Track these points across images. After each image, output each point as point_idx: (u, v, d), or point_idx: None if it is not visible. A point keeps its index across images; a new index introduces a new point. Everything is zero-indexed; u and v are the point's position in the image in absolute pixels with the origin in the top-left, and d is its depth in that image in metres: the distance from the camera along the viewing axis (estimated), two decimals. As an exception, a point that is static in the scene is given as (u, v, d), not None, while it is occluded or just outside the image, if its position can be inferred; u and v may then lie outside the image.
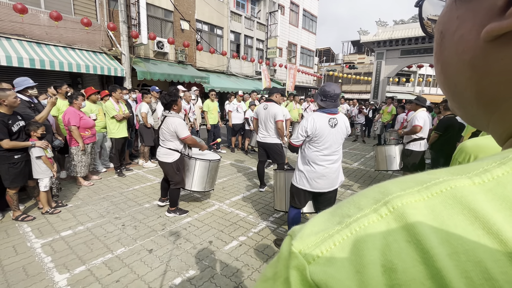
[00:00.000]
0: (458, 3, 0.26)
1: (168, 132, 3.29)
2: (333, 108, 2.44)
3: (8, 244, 2.80)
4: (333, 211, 0.24)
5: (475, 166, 0.22)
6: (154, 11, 10.81)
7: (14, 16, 6.99)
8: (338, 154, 2.55)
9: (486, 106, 0.26)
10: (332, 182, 2.56)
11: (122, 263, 2.53)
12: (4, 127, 2.98)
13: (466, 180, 0.21)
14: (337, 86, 2.45)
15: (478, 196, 0.19)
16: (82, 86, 8.78)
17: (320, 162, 2.48)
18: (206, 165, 3.70)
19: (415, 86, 26.39)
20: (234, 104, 7.20)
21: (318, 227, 0.23)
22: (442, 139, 4.46)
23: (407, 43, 14.95)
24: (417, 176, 0.23)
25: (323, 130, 2.41)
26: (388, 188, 0.22)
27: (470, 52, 0.25)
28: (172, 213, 3.52)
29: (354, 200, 0.23)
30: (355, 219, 0.21)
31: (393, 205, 0.21)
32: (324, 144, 2.44)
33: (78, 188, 4.44)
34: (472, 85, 0.26)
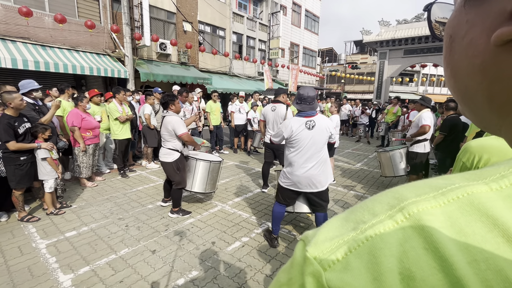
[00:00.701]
0: (467, 7, 0.26)
1: (166, 132, 3.35)
2: (310, 111, 2.54)
3: (14, 245, 2.84)
4: (346, 217, 0.24)
5: (492, 172, 0.21)
6: (156, 13, 10.88)
7: (20, 19, 7.09)
8: (320, 155, 2.58)
9: (499, 111, 0.25)
10: (317, 183, 2.60)
11: (125, 264, 2.55)
12: (10, 129, 3.02)
13: (483, 186, 0.20)
14: (311, 89, 2.55)
15: (496, 203, 0.19)
16: (86, 88, 8.86)
17: (301, 165, 2.55)
18: (207, 166, 3.71)
19: (418, 85, 26.21)
20: (237, 105, 7.21)
21: (333, 232, 0.23)
22: (448, 139, 4.43)
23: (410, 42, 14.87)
24: (431, 182, 0.23)
25: (300, 133, 2.50)
26: (402, 194, 0.22)
27: (480, 57, 0.25)
28: (175, 214, 3.54)
29: (367, 206, 0.23)
30: (370, 225, 0.21)
31: (409, 211, 0.20)
32: (302, 146, 2.53)
33: (82, 189, 4.48)
34: (484, 90, 0.26)
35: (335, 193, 4.58)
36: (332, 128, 2.62)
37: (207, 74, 12.33)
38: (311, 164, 2.54)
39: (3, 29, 7.14)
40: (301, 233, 3.21)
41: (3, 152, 3.12)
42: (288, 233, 3.23)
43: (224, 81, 13.27)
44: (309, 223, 3.49)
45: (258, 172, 5.75)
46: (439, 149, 4.67)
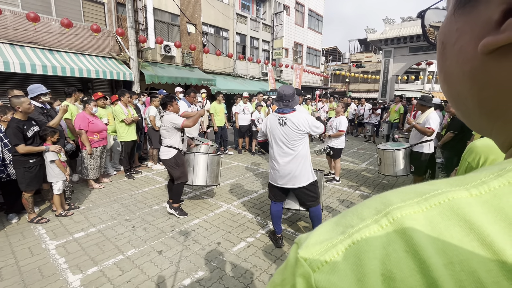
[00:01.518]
0: (457, 15, 0.27)
1: (165, 129, 3.48)
2: (285, 108, 2.65)
3: (24, 246, 2.90)
4: (337, 221, 0.25)
5: (473, 178, 0.22)
6: (161, 16, 10.98)
7: (27, 24, 7.23)
8: (293, 151, 2.64)
9: (488, 115, 0.27)
10: (295, 179, 2.67)
11: (132, 264, 2.59)
12: (19, 132, 3.09)
13: (463, 192, 0.21)
14: (289, 87, 2.68)
15: (474, 208, 0.20)
16: (93, 90, 8.98)
17: (276, 158, 2.69)
18: (205, 158, 3.86)
19: (424, 83, 25.88)
20: (241, 106, 7.24)
21: (323, 236, 0.24)
22: (456, 138, 4.35)
23: (416, 40, 14.69)
24: (418, 187, 0.24)
25: (273, 128, 2.66)
26: (390, 199, 0.23)
27: (469, 64, 0.26)
28: (172, 210, 3.60)
29: (357, 210, 0.24)
30: (357, 229, 0.22)
31: (393, 216, 0.21)
32: (275, 142, 2.67)
33: (89, 190, 4.55)
34: (473, 95, 0.27)
35: (340, 193, 4.56)
36: (308, 126, 2.62)
37: (211, 76, 12.38)
38: (287, 159, 2.64)
39: (12, 34, 7.30)
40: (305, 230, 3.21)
41: (13, 155, 3.19)
42: (294, 233, 3.23)
43: (228, 82, 13.31)
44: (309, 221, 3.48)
45: (263, 172, 5.76)
46: (445, 148, 4.59)
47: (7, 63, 6.51)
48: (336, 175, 5.09)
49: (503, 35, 0.22)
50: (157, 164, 5.99)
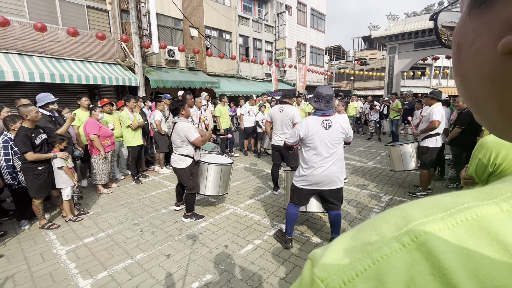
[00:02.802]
0: (472, 16, 0.26)
1: (179, 138, 3.38)
2: (327, 110, 2.55)
3: (36, 252, 2.95)
4: (354, 235, 0.23)
5: (502, 190, 0.21)
6: (164, 21, 11.10)
7: (35, 34, 7.40)
8: (337, 154, 2.59)
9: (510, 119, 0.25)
10: (333, 182, 2.62)
11: (141, 268, 2.60)
12: (28, 140, 3.16)
13: (493, 207, 0.19)
14: (329, 87, 2.55)
15: (506, 226, 0.18)
16: (99, 97, 9.13)
17: (318, 164, 2.55)
18: (218, 169, 3.74)
19: (431, 79, 25.46)
20: (246, 108, 7.25)
21: (340, 254, 0.22)
22: (464, 134, 4.27)
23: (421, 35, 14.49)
24: (440, 200, 0.22)
25: (317, 132, 2.51)
26: (410, 213, 0.21)
27: (488, 65, 0.24)
28: (188, 218, 3.58)
29: (375, 225, 0.23)
30: (377, 247, 0.21)
31: (415, 234, 0.20)
32: (319, 146, 2.53)
33: (98, 196, 4.61)
34: (494, 98, 0.25)
35: (348, 192, 4.50)
36: (348, 128, 2.61)
37: (215, 78, 12.45)
38: (329, 163, 2.55)
39: (20, 44, 7.48)
40: (314, 234, 3.18)
41: (22, 162, 3.26)
42: (301, 234, 3.20)
43: (232, 84, 13.36)
44: (322, 224, 3.45)
45: (268, 174, 5.74)
46: (453, 143, 4.50)
47: (17, 73, 6.67)
48: (343, 174, 5.04)
49: None
50: (164, 168, 6.04)
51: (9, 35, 7.25)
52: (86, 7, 8.70)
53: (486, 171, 1.36)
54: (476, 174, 1.42)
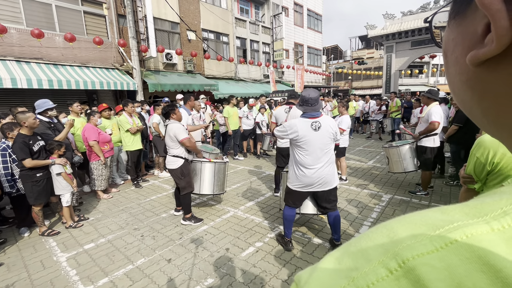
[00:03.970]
0: (452, 26, 0.26)
1: (170, 139, 3.47)
2: (313, 112, 2.56)
3: (36, 259, 2.94)
4: (339, 258, 0.22)
5: (493, 206, 0.20)
6: (161, 25, 11.12)
7: (32, 41, 7.40)
8: (328, 156, 2.59)
9: (494, 124, 0.26)
10: (327, 183, 2.64)
11: (142, 274, 2.59)
12: (26, 147, 3.15)
13: (483, 226, 0.18)
14: (313, 90, 2.58)
15: (498, 248, 0.17)
16: (98, 102, 9.13)
17: (310, 166, 2.56)
18: (212, 167, 3.80)
19: (429, 77, 25.52)
20: (244, 111, 7.24)
21: (324, 280, 0.21)
22: (461, 131, 4.27)
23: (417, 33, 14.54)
24: (429, 218, 0.21)
25: (307, 134, 2.51)
26: (397, 233, 0.20)
27: (465, 74, 0.25)
28: (187, 221, 3.58)
29: (361, 246, 0.22)
30: (363, 274, 0.19)
31: (403, 259, 0.19)
32: (310, 147, 2.54)
33: (98, 201, 4.60)
34: (476, 105, 0.26)
35: (348, 192, 4.50)
36: (336, 128, 2.62)
37: (213, 81, 12.46)
38: (321, 164, 2.56)
39: (17, 51, 7.48)
40: (316, 235, 3.17)
41: (21, 170, 3.25)
42: (302, 236, 3.19)
43: (230, 86, 13.36)
44: (323, 225, 3.44)
45: (268, 175, 5.74)
46: (452, 141, 4.49)
47: (14, 80, 6.66)
48: (342, 174, 5.04)
49: (485, 50, 0.21)
50: (164, 172, 6.03)
51: (6, 42, 7.25)
52: (83, 12, 8.72)
53: (485, 169, 1.36)
54: (474, 173, 1.42)
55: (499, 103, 0.23)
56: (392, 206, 3.91)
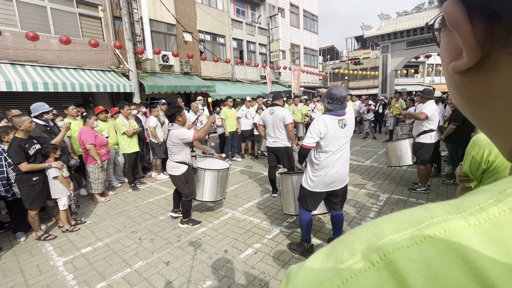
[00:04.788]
0: (442, 35, 0.28)
1: (173, 145, 3.34)
2: (341, 110, 2.51)
3: (33, 264, 2.91)
4: (328, 252, 0.23)
5: (472, 203, 0.21)
6: (157, 26, 11.10)
7: (27, 43, 7.35)
8: (347, 152, 2.63)
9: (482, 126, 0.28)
10: (344, 180, 2.68)
11: (140, 277, 2.57)
12: (21, 151, 3.12)
13: (461, 221, 0.19)
14: (343, 88, 2.50)
15: (472, 241, 0.18)
16: (94, 104, 9.08)
17: (334, 164, 2.54)
18: (215, 175, 3.73)
19: (424, 76, 25.73)
20: (243, 111, 7.24)
21: (312, 274, 0.22)
22: (459, 130, 4.33)
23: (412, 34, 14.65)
24: (413, 214, 0.22)
25: (334, 132, 2.48)
26: (382, 229, 0.22)
27: (453, 81, 0.27)
28: (185, 224, 3.56)
29: (348, 241, 0.23)
30: (347, 266, 0.20)
31: (384, 252, 0.20)
32: (336, 145, 2.51)
33: (95, 204, 4.57)
34: (465, 108, 0.28)
35: (346, 192, 4.51)
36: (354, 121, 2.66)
37: (210, 82, 12.45)
38: (342, 162, 2.57)
39: (12, 54, 7.42)
40: (314, 235, 3.17)
41: (16, 174, 3.22)
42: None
43: (228, 88, 13.37)
44: (321, 225, 3.44)
45: (266, 176, 5.72)
46: (449, 140, 4.55)
47: (9, 83, 6.61)
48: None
49: (460, 62, 0.24)
50: (161, 174, 6.00)
51: (0, 45, 7.19)
52: (78, 14, 8.68)
53: (480, 168, 1.37)
54: (470, 172, 1.43)
55: (483, 108, 0.25)
56: (390, 205, 3.92)
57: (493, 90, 0.24)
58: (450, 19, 0.23)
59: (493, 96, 0.24)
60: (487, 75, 0.23)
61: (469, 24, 0.22)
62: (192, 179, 3.56)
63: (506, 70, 0.22)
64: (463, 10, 0.23)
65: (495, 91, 0.23)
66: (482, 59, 0.23)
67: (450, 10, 0.23)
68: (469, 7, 0.22)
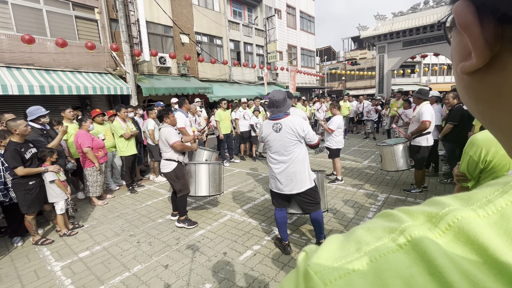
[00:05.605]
0: (453, 34, 0.28)
1: (162, 143, 3.51)
2: (277, 114, 2.61)
3: (30, 269, 2.88)
4: (347, 237, 0.24)
5: (479, 196, 0.22)
6: (154, 28, 11.08)
7: (23, 46, 7.31)
8: (290, 156, 2.60)
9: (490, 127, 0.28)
10: (294, 185, 2.64)
11: (139, 281, 2.56)
12: (17, 155, 3.10)
13: (470, 213, 0.20)
14: (280, 92, 2.62)
15: (484, 230, 0.19)
16: (91, 107, 9.04)
17: (274, 165, 2.69)
18: (206, 168, 3.83)
19: (421, 76, 25.90)
20: (241, 112, 7.24)
21: (335, 252, 0.23)
22: (456, 130, 4.33)
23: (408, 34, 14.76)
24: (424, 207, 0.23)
25: (269, 135, 2.65)
26: (401, 217, 0.23)
27: (462, 81, 0.27)
28: (181, 223, 3.58)
29: (369, 228, 0.24)
30: (374, 248, 0.21)
31: (410, 234, 0.21)
32: (272, 147, 2.67)
33: (93, 208, 4.54)
34: (473, 108, 0.28)
35: (344, 193, 4.52)
36: (304, 129, 2.56)
37: (207, 84, 12.44)
38: (284, 165, 2.63)
39: (8, 57, 7.38)
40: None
41: (13, 178, 3.19)
42: (300, 237, 3.19)
43: (225, 89, 13.36)
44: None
45: (265, 177, 5.73)
46: (447, 140, 4.56)
47: (5, 86, 6.56)
48: (338, 174, 5.06)
49: (469, 63, 0.24)
50: (159, 177, 5.98)
51: (-4, 48, 7.14)
52: (75, 17, 8.65)
53: (477, 168, 1.38)
54: (468, 171, 1.44)
55: (492, 108, 0.25)
56: (388, 205, 3.93)
57: (502, 91, 0.24)
58: (460, 20, 0.23)
59: (502, 97, 0.24)
60: (496, 76, 0.23)
61: (478, 26, 0.22)
62: (183, 175, 3.65)
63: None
64: (473, 12, 0.22)
65: (504, 92, 0.24)
66: (491, 60, 0.23)
67: (460, 11, 0.23)
68: (479, 8, 0.22)
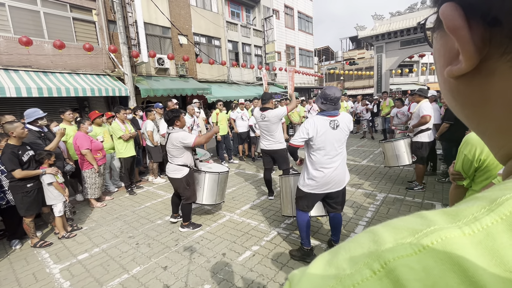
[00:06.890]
0: (437, 36, 0.27)
1: (174, 148, 3.32)
2: (334, 111, 2.50)
3: (28, 272, 2.87)
4: (330, 260, 0.23)
5: (466, 212, 0.21)
6: (152, 30, 11.08)
7: (20, 48, 7.29)
8: (343, 153, 2.60)
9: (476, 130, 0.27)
10: (341, 182, 2.63)
11: (138, 283, 2.56)
12: (15, 158, 3.09)
13: (456, 231, 0.20)
14: (337, 89, 2.50)
15: (467, 250, 0.18)
16: (89, 109, 9.02)
17: (329, 165, 2.51)
18: (215, 178, 3.71)
19: (419, 75, 25.96)
20: (238, 113, 7.25)
21: (315, 281, 0.22)
22: (452, 128, 4.38)
23: (406, 33, 14.79)
24: (411, 222, 0.22)
25: (325, 133, 2.46)
26: (382, 237, 0.22)
27: (448, 84, 0.27)
28: (185, 228, 3.54)
29: (350, 249, 0.23)
30: (349, 274, 0.21)
31: (385, 260, 0.20)
32: (328, 146, 2.48)
33: (91, 210, 4.53)
34: (459, 111, 0.28)
35: (343, 192, 4.53)
36: (351, 125, 2.63)
37: (206, 84, 12.44)
38: (337, 164, 2.53)
39: (5, 59, 7.35)
40: (312, 236, 3.17)
41: (10, 181, 3.18)
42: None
43: (224, 90, 13.36)
44: (318, 226, 3.45)
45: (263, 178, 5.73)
46: (443, 139, 4.60)
47: (3, 89, 6.54)
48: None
49: (457, 67, 0.23)
50: (158, 178, 5.97)
51: (-7, 50, 7.12)
52: (72, 19, 8.64)
53: (472, 166, 1.39)
54: (463, 170, 1.45)
55: (478, 113, 0.25)
56: (387, 204, 3.94)
57: (489, 96, 0.23)
58: (448, 23, 0.23)
59: (489, 102, 0.23)
60: (483, 81, 0.23)
61: (468, 30, 0.22)
62: (193, 181, 3.55)
63: (503, 77, 0.22)
64: (462, 15, 0.22)
65: (491, 97, 0.23)
66: (479, 64, 0.23)
67: (448, 15, 0.23)
68: (467, 11, 0.22)
